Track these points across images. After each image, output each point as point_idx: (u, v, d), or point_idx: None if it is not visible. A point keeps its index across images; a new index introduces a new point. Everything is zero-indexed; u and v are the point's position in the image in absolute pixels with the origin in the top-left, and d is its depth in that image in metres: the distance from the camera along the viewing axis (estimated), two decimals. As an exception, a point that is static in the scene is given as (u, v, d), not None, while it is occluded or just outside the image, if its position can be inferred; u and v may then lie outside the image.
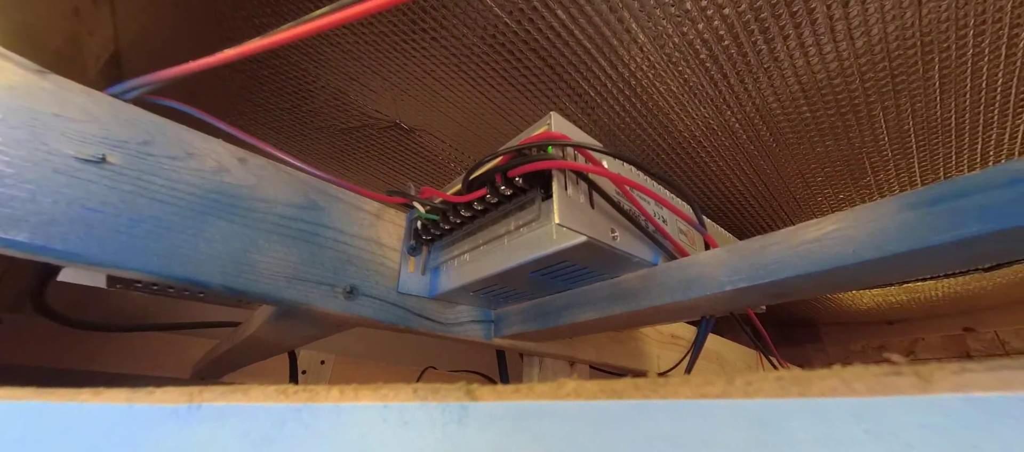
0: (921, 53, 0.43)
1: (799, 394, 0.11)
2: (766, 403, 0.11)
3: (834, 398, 0.10)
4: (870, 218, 0.17)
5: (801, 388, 0.11)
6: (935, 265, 0.17)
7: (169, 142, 0.22)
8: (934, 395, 0.10)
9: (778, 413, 0.10)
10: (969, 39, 0.41)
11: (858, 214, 0.18)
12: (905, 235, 0.16)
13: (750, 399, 0.11)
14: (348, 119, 0.69)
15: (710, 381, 0.11)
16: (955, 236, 0.15)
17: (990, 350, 1.37)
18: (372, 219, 0.30)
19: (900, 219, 0.17)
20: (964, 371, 0.10)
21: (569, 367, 0.45)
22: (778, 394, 0.11)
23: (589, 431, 0.11)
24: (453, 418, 0.12)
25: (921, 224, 0.16)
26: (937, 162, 0.60)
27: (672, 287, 0.23)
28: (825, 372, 0.11)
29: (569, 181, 0.21)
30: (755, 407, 0.11)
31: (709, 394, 0.11)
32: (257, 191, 0.25)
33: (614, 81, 0.51)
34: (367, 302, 0.28)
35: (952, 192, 0.16)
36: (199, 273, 0.21)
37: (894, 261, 0.17)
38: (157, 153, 0.22)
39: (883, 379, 0.10)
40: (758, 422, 0.10)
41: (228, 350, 0.44)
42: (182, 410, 0.13)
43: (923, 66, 0.44)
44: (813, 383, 0.11)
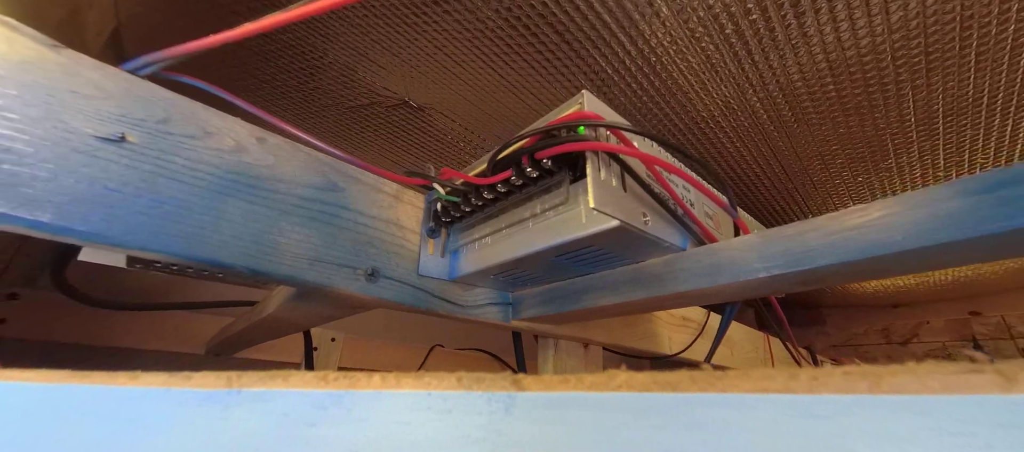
0: (960, 29, 0.41)
1: (868, 390, 0.10)
2: (832, 398, 0.10)
3: (906, 395, 0.10)
4: (921, 204, 0.17)
5: (870, 383, 0.10)
6: (988, 254, 0.16)
7: (187, 120, 0.21)
8: (1019, 395, 0.09)
9: (845, 409, 0.10)
10: (1012, 12, 0.39)
11: (907, 200, 0.17)
12: (959, 222, 0.16)
13: (814, 394, 0.10)
14: (356, 97, 0.68)
15: (770, 375, 0.11)
16: (1014, 225, 0.14)
17: (995, 334, 1.37)
18: (391, 200, 0.29)
19: (955, 206, 0.16)
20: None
21: (583, 348, 0.45)
22: (845, 390, 0.10)
23: (641, 424, 0.11)
24: (500, 407, 0.12)
25: (978, 212, 0.15)
26: (963, 145, 0.58)
27: (699, 272, 0.23)
28: (896, 368, 0.10)
29: (602, 163, 0.20)
30: (820, 402, 0.10)
31: (770, 388, 0.10)
32: (276, 171, 0.24)
33: (632, 57, 0.49)
34: (388, 284, 0.27)
35: (1014, 178, 0.15)
36: (221, 255, 0.21)
37: (944, 249, 0.16)
38: (175, 132, 0.21)
39: (961, 377, 0.10)
40: (823, 417, 0.10)
41: (245, 328, 0.45)
42: (221, 394, 0.13)
43: (960, 43, 0.42)
44: (883, 379, 0.10)
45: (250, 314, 0.44)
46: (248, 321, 0.44)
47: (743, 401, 0.10)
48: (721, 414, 0.10)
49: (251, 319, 0.43)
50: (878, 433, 0.09)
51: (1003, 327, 1.37)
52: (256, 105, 0.23)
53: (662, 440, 0.11)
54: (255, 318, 0.41)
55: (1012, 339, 1.34)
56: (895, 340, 1.60)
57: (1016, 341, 1.33)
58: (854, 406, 0.10)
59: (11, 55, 0.17)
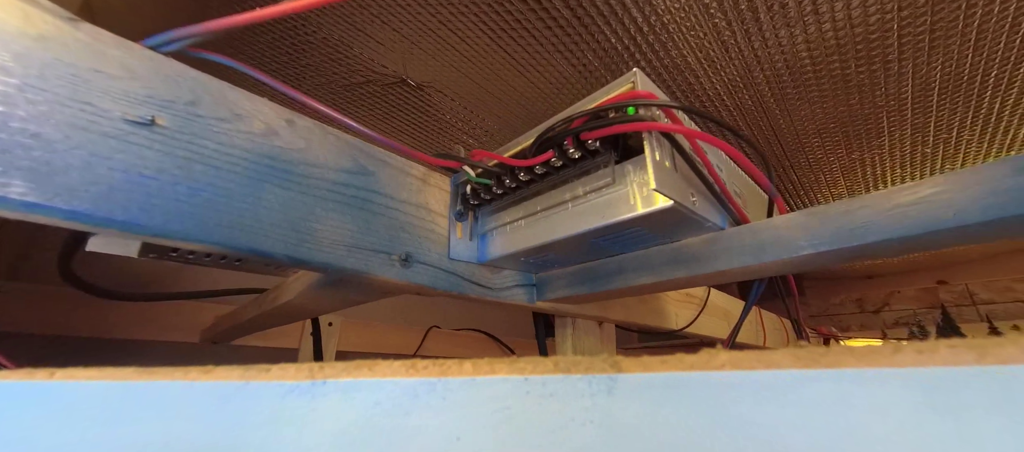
0: (966, 3, 0.42)
1: (974, 361, 0.11)
2: (938, 370, 0.10)
3: (1013, 365, 0.10)
4: (976, 182, 0.17)
5: (977, 355, 0.11)
6: (1043, 229, 0.17)
7: (216, 102, 0.20)
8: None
9: (951, 380, 0.10)
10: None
11: (960, 178, 0.18)
12: (1016, 200, 0.16)
13: (921, 367, 0.11)
14: (350, 74, 0.65)
15: (875, 350, 0.11)
16: (1075, 200, 0.15)
17: (960, 301, 1.46)
18: (420, 184, 0.29)
19: (1012, 183, 0.16)
20: None
21: (598, 326, 0.46)
22: (952, 362, 0.11)
23: (746, 400, 0.11)
24: (602, 389, 0.12)
25: (1037, 188, 0.16)
26: (953, 123, 0.60)
27: (743, 250, 0.23)
28: (1001, 340, 0.11)
29: (657, 144, 0.20)
30: (926, 374, 0.11)
31: (876, 363, 0.11)
32: (308, 155, 0.23)
33: (644, 34, 0.48)
34: (422, 269, 0.27)
35: (1070, 155, 0.15)
36: (263, 244, 0.20)
37: (997, 225, 0.17)
38: (205, 114, 0.20)
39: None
40: (930, 389, 0.10)
41: (255, 316, 0.44)
42: (305, 386, 0.13)
43: (964, 19, 0.43)
44: (989, 351, 0.11)
45: (261, 302, 0.43)
46: (259, 309, 0.43)
47: (852, 377, 0.11)
48: (832, 389, 0.11)
49: (263, 307, 0.42)
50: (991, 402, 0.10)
51: (967, 294, 1.46)
52: (243, 83, 0.22)
53: (771, 417, 0.11)
54: (268, 306, 0.40)
55: (974, 305, 1.43)
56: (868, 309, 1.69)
57: (978, 307, 1.42)
58: (966, 378, 0.10)
59: (29, 29, 0.16)
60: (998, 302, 1.31)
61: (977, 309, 1.42)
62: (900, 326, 1.54)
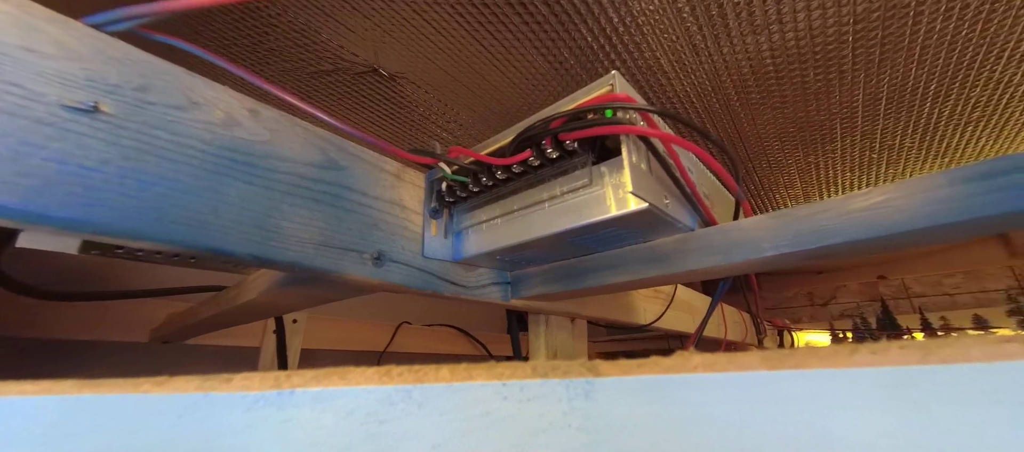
0: (912, 22, 0.45)
1: (920, 361, 0.11)
2: (891, 369, 0.11)
3: (954, 364, 0.11)
4: (919, 190, 0.19)
5: (922, 355, 0.11)
6: (978, 233, 0.18)
7: (169, 88, 0.19)
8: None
9: (905, 378, 0.11)
10: (955, 7, 0.43)
11: (905, 187, 0.19)
12: (956, 207, 0.17)
13: (875, 367, 0.11)
14: (318, 62, 0.63)
15: (836, 351, 0.12)
16: (1004, 209, 0.16)
17: (897, 294, 1.59)
18: (393, 180, 0.28)
19: (950, 192, 0.18)
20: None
21: (570, 322, 0.47)
22: (901, 361, 0.11)
23: (720, 402, 0.12)
24: (579, 393, 0.12)
25: (973, 197, 0.17)
26: (897, 130, 0.65)
27: (713, 250, 0.24)
28: (944, 341, 0.11)
29: (634, 147, 0.20)
30: (880, 373, 0.11)
31: (837, 363, 0.11)
32: (273, 148, 0.22)
33: (619, 34, 0.49)
34: (395, 268, 0.26)
35: (1003, 169, 0.17)
36: (224, 242, 0.19)
37: (936, 230, 0.18)
38: (157, 102, 0.18)
39: (999, 346, 0.11)
40: (886, 385, 0.11)
41: (212, 315, 0.41)
42: (272, 396, 0.12)
43: (910, 36, 0.47)
44: (933, 351, 0.11)
45: (220, 300, 0.41)
46: (218, 307, 0.40)
47: (816, 377, 0.11)
48: (796, 387, 0.11)
49: (221, 305, 0.40)
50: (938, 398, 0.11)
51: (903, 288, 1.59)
52: (199, 68, 0.21)
53: (743, 416, 0.11)
54: (227, 305, 0.38)
55: (909, 298, 1.56)
56: (817, 302, 1.81)
57: (912, 300, 1.55)
58: (917, 376, 0.11)
59: (-57, -1, 0.14)
60: (929, 295, 1.43)
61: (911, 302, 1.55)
62: (845, 318, 1.65)
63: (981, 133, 0.66)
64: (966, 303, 1.33)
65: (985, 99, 0.58)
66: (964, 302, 1.33)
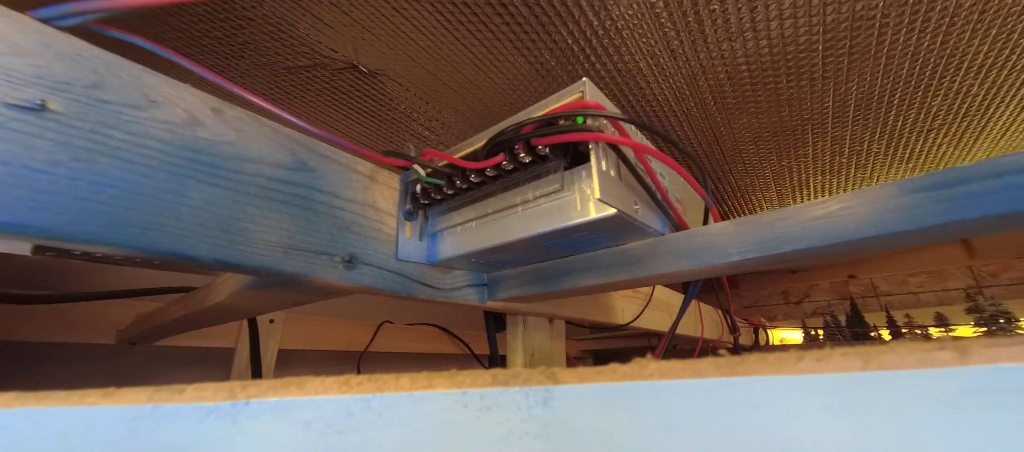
0: (877, 32, 0.47)
1: (861, 367, 0.12)
2: (836, 376, 0.12)
3: (891, 370, 0.12)
4: (874, 199, 0.19)
5: (863, 362, 0.12)
6: (926, 241, 0.19)
7: (126, 86, 0.18)
8: (970, 366, 0.12)
9: (846, 383, 0.12)
10: (917, 21, 0.45)
11: (860, 196, 0.20)
12: (904, 216, 0.18)
13: (821, 374, 0.12)
14: (295, 57, 0.61)
15: (784, 358, 0.12)
16: (949, 219, 0.17)
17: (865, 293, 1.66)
18: (367, 181, 0.27)
19: (901, 202, 0.19)
20: (992, 347, 0.12)
21: (548, 323, 0.47)
22: (844, 368, 0.12)
23: (676, 408, 0.12)
24: (538, 401, 0.12)
25: (919, 208, 0.18)
26: (865, 136, 0.67)
27: (681, 255, 0.25)
28: (884, 348, 0.12)
29: (603, 154, 0.20)
30: (826, 380, 0.12)
31: (785, 370, 0.12)
32: (239, 149, 0.21)
33: (599, 36, 0.50)
34: (367, 271, 0.26)
35: (947, 181, 0.18)
36: (186, 246, 0.18)
37: (892, 238, 0.19)
38: (112, 100, 0.17)
39: (929, 354, 0.12)
40: (829, 391, 0.12)
41: (180, 316, 0.40)
42: (225, 408, 0.12)
43: (876, 46, 0.48)
44: (872, 358, 0.12)
45: (188, 302, 0.40)
46: (186, 309, 0.39)
47: (765, 383, 0.12)
48: (748, 394, 0.12)
49: (189, 307, 0.38)
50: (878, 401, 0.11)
51: (871, 287, 1.66)
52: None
53: (697, 422, 0.12)
54: (196, 307, 0.37)
55: (877, 297, 1.63)
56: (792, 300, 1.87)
57: (879, 298, 1.62)
58: (857, 382, 0.12)
59: None
60: (895, 294, 1.50)
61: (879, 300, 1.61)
62: (817, 315, 1.71)
63: (942, 139, 0.70)
64: (929, 301, 1.40)
65: (945, 108, 0.61)
66: (927, 300, 1.40)
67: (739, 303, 1.93)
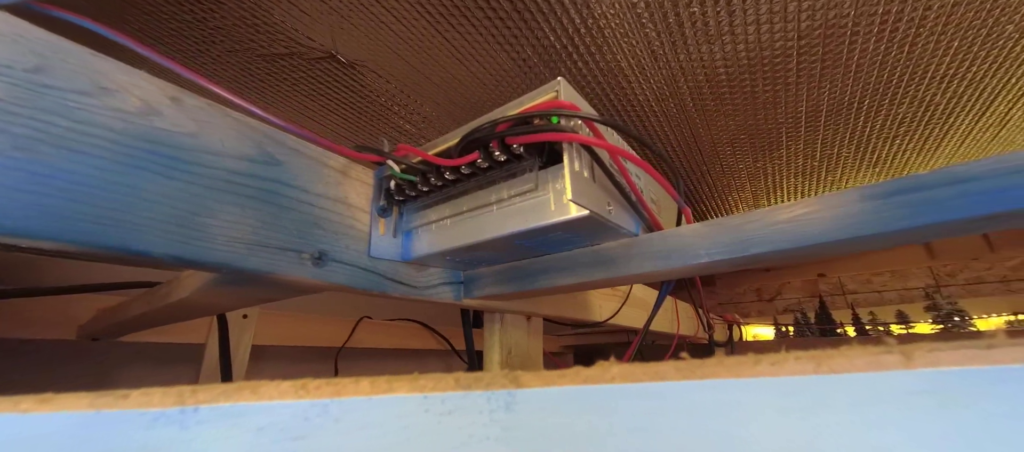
0: (848, 40, 0.48)
1: (813, 371, 0.12)
2: (790, 379, 0.12)
3: (841, 374, 0.12)
4: (836, 204, 0.20)
5: (814, 365, 0.12)
6: (885, 245, 0.20)
7: (73, 71, 0.17)
8: (914, 369, 0.12)
9: (800, 386, 0.12)
10: (886, 31, 0.47)
11: (825, 200, 0.20)
12: (865, 221, 0.19)
13: (776, 377, 0.12)
14: (271, 44, 0.59)
15: (742, 362, 0.12)
16: (906, 225, 0.18)
17: (834, 291, 1.72)
18: (338, 176, 0.27)
19: (861, 207, 0.19)
20: (935, 350, 0.12)
21: (526, 320, 0.47)
22: (797, 372, 0.12)
23: (637, 411, 0.12)
24: (501, 405, 0.12)
25: (879, 213, 0.19)
26: (835, 141, 0.69)
27: (653, 256, 0.25)
28: (833, 352, 0.12)
29: (576, 154, 0.20)
30: (781, 383, 0.12)
31: (742, 373, 0.12)
32: (200, 140, 0.20)
33: (581, 35, 0.49)
34: (338, 268, 0.25)
35: (906, 187, 0.18)
36: (139, 242, 0.17)
37: (854, 242, 0.20)
38: (57, 86, 0.16)
39: (877, 357, 0.12)
40: (785, 394, 0.12)
41: (143, 312, 0.38)
42: (173, 414, 0.11)
43: (847, 54, 0.50)
44: (823, 361, 0.12)
45: (150, 297, 0.38)
46: (149, 305, 0.38)
47: (723, 386, 0.12)
48: (708, 396, 0.12)
49: (152, 303, 0.37)
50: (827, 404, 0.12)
51: (839, 285, 1.73)
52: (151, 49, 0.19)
53: (657, 424, 0.12)
54: (159, 303, 0.35)
55: (844, 295, 1.69)
56: (765, 298, 1.93)
57: (846, 296, 1.68)
58: (808, 384, 0.12)
59: None
60: (861, 292, 1.56)
61: (846, 298, 1.68)
62: (789, 312, 1.77)
63: (907, 145, 0.73)
64: (892, 300, 1.46)
65: (910, 115, 0.64)
66: (890, 299, 1.46)
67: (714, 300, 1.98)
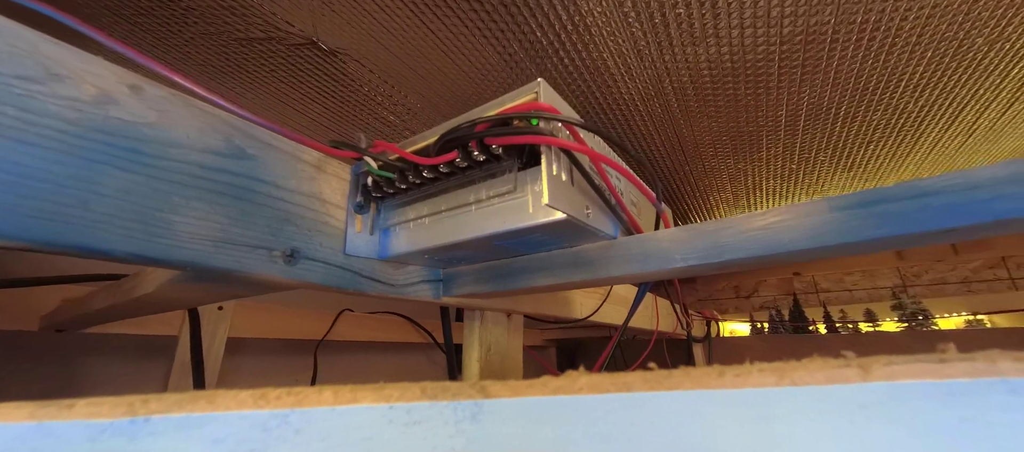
0: (828, 47, 0.49)
1: (775, 383, 0.12)
2: (752, 391, 0.12)
3: (802, 386, 0.12)
4: (806, 214, 0.20)
5: (776, 378, 0.13)
6: (852, 253, 0.20)
7: (19, 56, 0.16)
8: (870, 382, 0.12)
9: (761, 398, 0.12)
10: (864, 40, 0.48)
11: (796, 209, 0.21)
12: (834, 231, 0.19)
13: (739, 389, 0.12)
14: (248, 28, 0.57)
15: (707, 373, 0.13)
16: (873, 235, 0.18)
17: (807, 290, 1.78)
18: (313, 171, 0.26)
19: (830, 217, 0.20)
20: (891, 364, 0.13)
21: (507, 318, 0.47)
22: (760, 383, 0.12)
23: (605, 421, 0.12)
24: (467, 415, 0.12)
25: (846, 223, 0.19)
26: (813, 145, 0.71)
27: (631, 259, 0.25)
28: (795, 364, 0.13)
29: (555, 158, 0.20)
30: (743, 394, 0.12)
31: (706, 385, 0.12)
32: (163, 132, 0.19)
33: (568, 32, 0.49)
34: (311, 266, 0.25)
35: (872, 199, 0.19)
36: (96, 240, 0.16)
37: (822, 250, 0.20)
38: (1, 71, 0.15)
39: (836, 370, 0.13)
40: (746, 404, 0.12)
41: (109, 306, 0.37)
42: (123, 425, 0.11)
43: (826, 60, 0.51)
44: (785, 373, 0.13)
45: (115, 291, 0.37)
46: (113, 298, 0.36)
47: (687, 397, 0.12)
48: (672, 407, 0.12)
49: (118, 296, 0.36)
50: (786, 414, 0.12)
51: (813, 284, 1.78)
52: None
53: (625, 434, 0.12)
54: (123, 297, 0.34)
55: (817, 293, 1.75)
56: (742, 294, 1.98)
57: (819, 295, 1.74)
58: (769, 396, 0.12)
59: None
60: (833, 290, 1.62)
61: (818, 296, 1.74)
62: (764, 309, 1.82)
63: (880, 151, 0.75)
64: (861, 298, 1.52)
65: (884, 122, 0.65)
66: (860, 297, 1.52)
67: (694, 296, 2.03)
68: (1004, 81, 0.56)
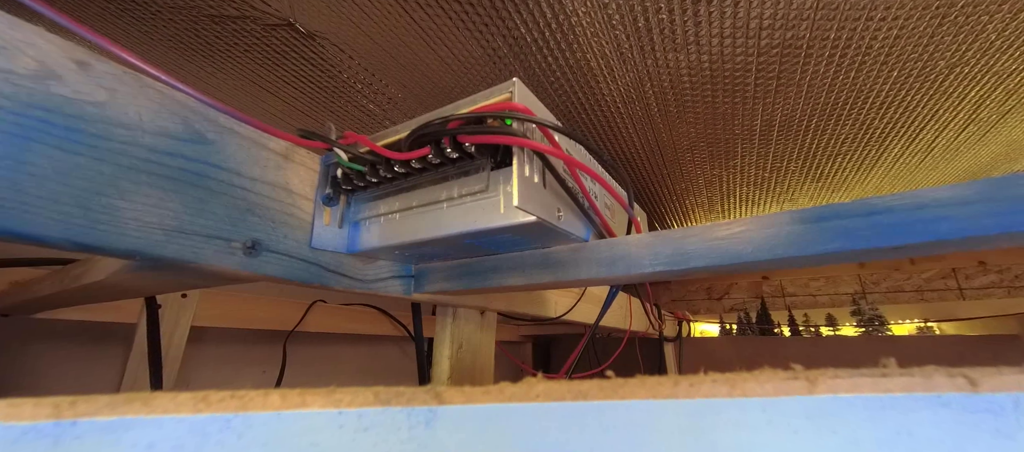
0: (802, 62, 0.50)
1: (726, 394, 0.13)
2: (703, 401, 0.12)
3: (751, 397, 0.13)
4: (767, 226, 0.21)
5: (728, 388, 0.13)
6: (808, 265, 0.21)
7: (-56, 21, 0.14)
8: (816, 395, 0.13)
9: (712, 408, 0.12)
10: (836, 56, 0.50)
11: (758, 221, 0.21)
12: (792, 243, 0.20)
13: (691, 399, 0.12)
14: (221, 5, 0.55)
15: (661, 382, 0.13)
16: (826, 249, 0.19)
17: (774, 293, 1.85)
18: (279, 160, 0.25)
19: (789, 230, 0.20)
20: (836, 377, 0.13)
21: (480, 314, 0.47)
22: (712, 394, 0.13)
23: (559, 429, 0.12)
24: (420, 421, 0.11)
25: (804, 237, 0.20)
26: (785, 155, 0.73)
27: (599, 263, 0.25)
28: (747, 375, 0.13)
29: (527, 159, 0.20)
30: (695, 404, 0.12)
31: (660, 394, 0.12)
32: (110, 112, 0.18)
33: (552, 30, 0.49)
34: (273, 258, 0.24)
35: (828, 215, 0.19)
36: (29, 225, 0.15)
37: (781, 261, 0.21)
38: (-79, 37, 0.14)
39: (785, 382, 0.13)
40: (697, 414, 0.12)
41: (57, 292, 0.35)
42: (48, 428, 0.10)
43: (800, 74, 0.53)
44: (737, 384, 0.13)
45: (62, 277, 0.35)
46: (60, 285, 0.34)
47: (641, 406, 0.12)
48: (625, 416, 0.12)
49: (65, 283, 0.34)
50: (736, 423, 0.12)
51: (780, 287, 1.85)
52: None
53: (579, 443, 0.12)
54: (71, 284, 0.32)
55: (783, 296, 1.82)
56: (714, 296, 2.04)
57: (785, 299, 1.81)
58: (720, 407, 0.12)
59: None
60: (798, 295, 1.68)
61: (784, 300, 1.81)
62: (733, 311, 1.88)
63: (846, 164, 0.78)
64: (824, 303, 1.59)
65: (851, 136, 0.68)
66: (822, 302, 1.59)
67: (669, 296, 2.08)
68: (961, 103, 0.60)
